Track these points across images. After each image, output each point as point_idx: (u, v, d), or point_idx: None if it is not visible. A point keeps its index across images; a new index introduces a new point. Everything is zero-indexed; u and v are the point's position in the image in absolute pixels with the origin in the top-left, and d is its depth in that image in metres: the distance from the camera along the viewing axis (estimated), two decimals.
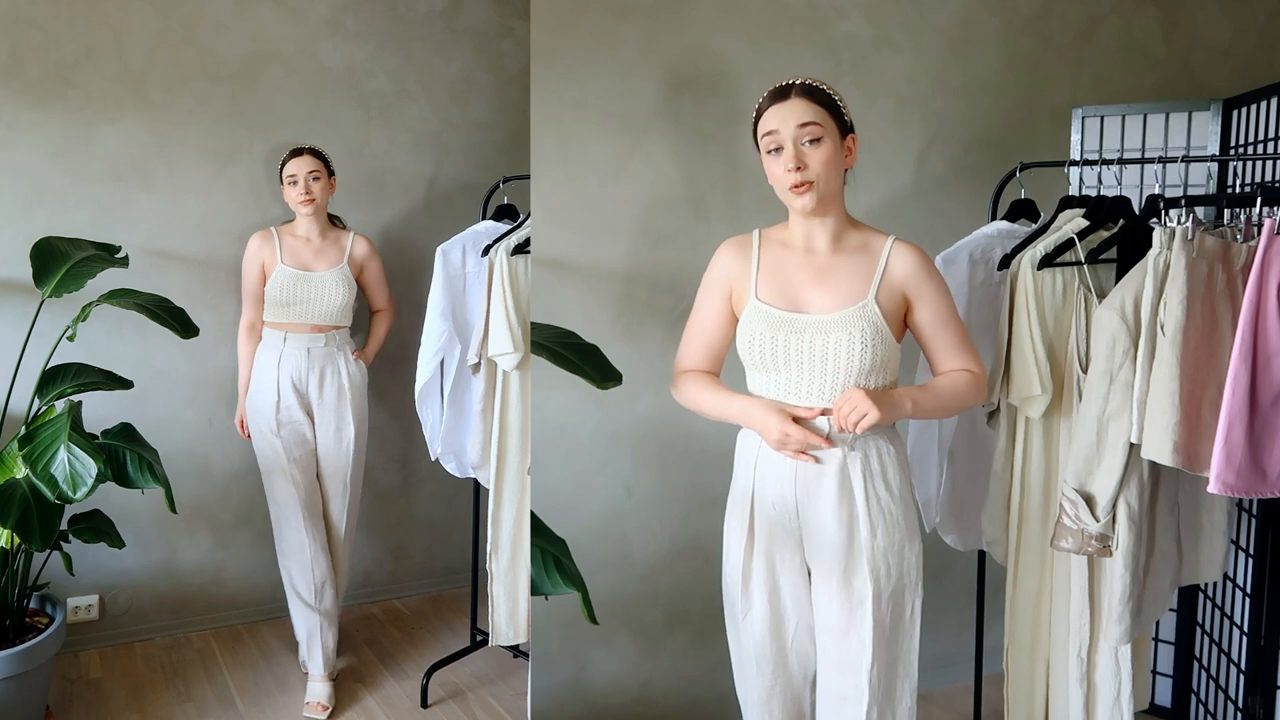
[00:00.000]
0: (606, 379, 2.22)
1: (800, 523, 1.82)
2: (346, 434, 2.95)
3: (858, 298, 1.77)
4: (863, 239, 1.82)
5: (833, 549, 1.79)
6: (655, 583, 2.63)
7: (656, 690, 2.67)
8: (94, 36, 3.03)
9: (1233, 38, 3.15)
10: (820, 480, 1.78)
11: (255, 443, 2.92)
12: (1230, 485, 1.85)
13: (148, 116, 3.11)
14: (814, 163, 1.72)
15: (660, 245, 2.53)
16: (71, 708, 2.83)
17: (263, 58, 3.27)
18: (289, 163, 2.89)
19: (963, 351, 1.84)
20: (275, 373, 2.88)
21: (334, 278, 2.92)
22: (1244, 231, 1.99)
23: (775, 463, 1.82)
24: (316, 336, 2.91)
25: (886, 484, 1.80)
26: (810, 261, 1.81)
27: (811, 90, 1.76)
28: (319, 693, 2.87)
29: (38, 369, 2.61)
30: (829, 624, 1.83)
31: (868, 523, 1.77)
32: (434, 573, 3.78)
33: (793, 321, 1.77)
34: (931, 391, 1.82)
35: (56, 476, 2.25)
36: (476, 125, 3.64)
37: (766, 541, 1.85)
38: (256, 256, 2.91)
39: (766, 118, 1.77)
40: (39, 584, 2.68)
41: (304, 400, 2.91)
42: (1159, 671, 2.81)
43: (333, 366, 2.94)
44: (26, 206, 2.98)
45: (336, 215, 3.10)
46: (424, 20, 3.52)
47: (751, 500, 1.86)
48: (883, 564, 1.78)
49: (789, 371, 1.77)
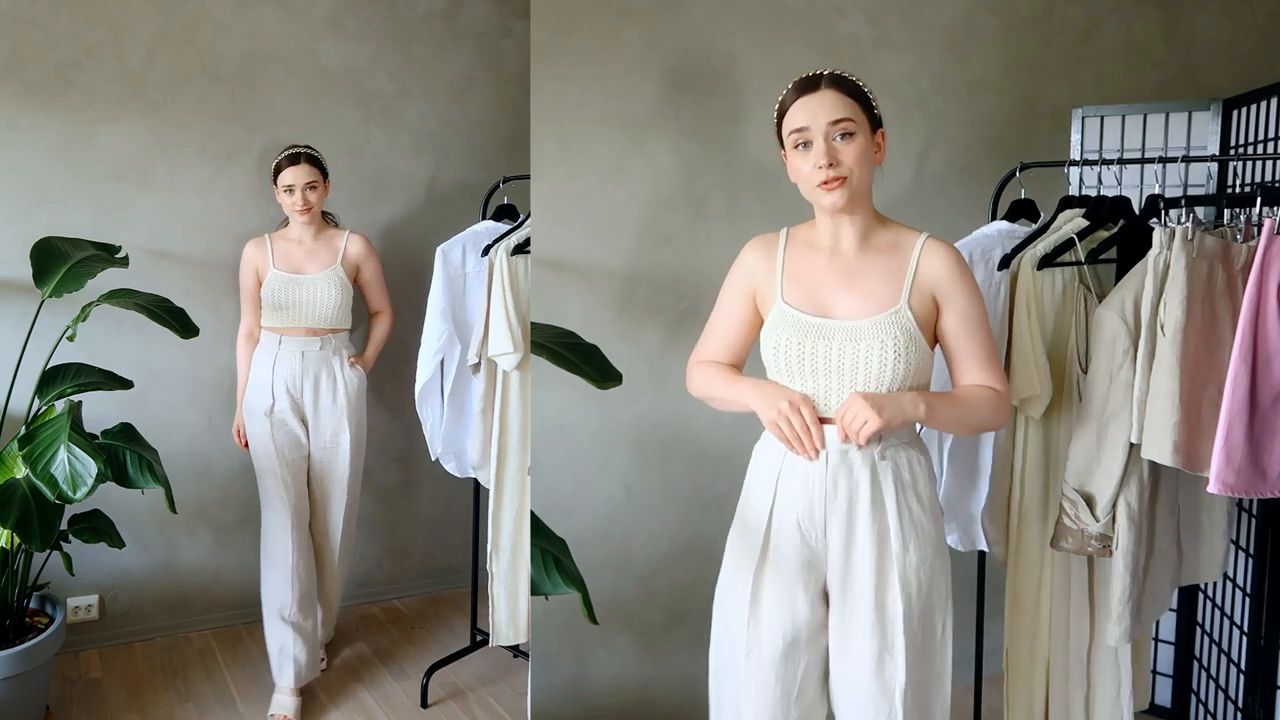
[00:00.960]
0: (606, 379, 2.22)
1: (827, 540, 1.69)
2: (343, 441, 2.90)
3: (890, 303, 1.66)
4: (893, 237, 1.71)
5: (863, 566, 1.67)
6: (655, 583, 2.63)
7: (656, 690, 2.67)
8: (94, 36, 3.03)
9: (1233, 38, 3.15)
10: (854, 491, 1.67)
11: (251, 446, 2.87)
12: (1230, 485, 1.85)
13: (148, 116, 3.11)
14: (846, 158, 1.61)
15: (660, 245, 2.53)
16: (71, 708, 2.83)
17: (263, 58, 3.27)
18: (285, 171, 2.82)
19: (988, 367, 1.70)
20: (270, 376, 2.84)
21: (326, 279, 2.87)
22: (1244, 231, 1.99)
23: (801, 473, 1.69)
24: (311, 340, 2.86)
25: (918, 496, 1.70)
26: (837, 262, 1.70)
27: (842, 81, 1.64)
28: (285, 705, 2.78)
29: (38, 369, 2.61)
30: (858, 647, 1.69)
31: (900, 537, 1.67)
32: (434, 573, 3.78)
33: (820, 327, 1.66)
34: (952, 399, 1.68)
35: (56, 476, 2.25)
36: (476, 125, 3.64)
37: (784, 565, 1.71)
38: (250, 263, 2.89)
39: (794, 112, 1.64)
40: (39, 584, 2.68)
41: (298, 405, 2.86)
42: (1159, 671, 2.81)
43: (328, 371, 2.89)
44: (26, 206, 2.98)
45: (331, 213, 3.06)
46: (424, 20, 3.52)
47: (770, 517, 1.72)
48: (914, 580, 1.67)
49: (816, 381, 1.66)
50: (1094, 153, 2.79)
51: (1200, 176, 2.73)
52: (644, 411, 2.54)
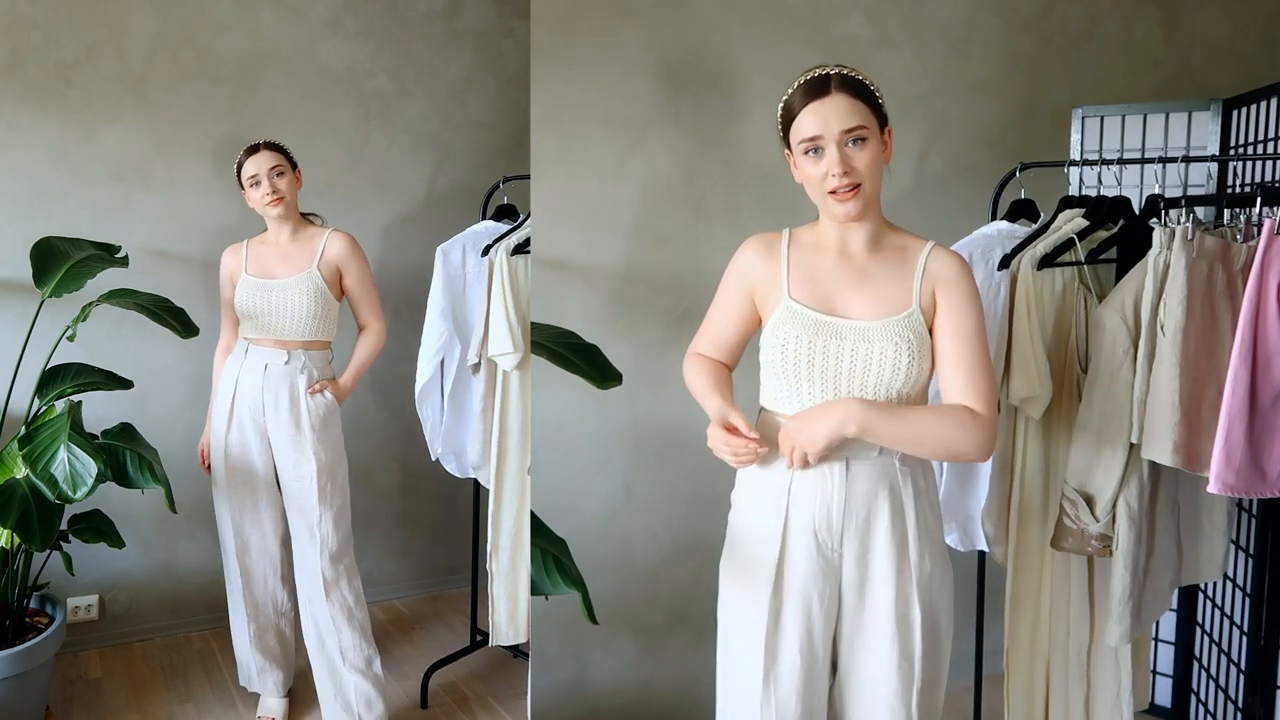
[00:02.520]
0: (606, 379, 2.22)
1: (844, 550, 1.65)
2: (305, 473, 2.54)
3: (902, 306, 1.62)
4: (901, 242, 1.67)
5: (881, 574, 1.65)
6: (655, 583, 2.63)
7: (656, 690, 2.67)
8: (94, 36, 3.03)
9: (1233, 38, 3.15)
10: (873, 498, 1.63)
11: (211, 459, 2.66)
12: (1230, 485, 1.85)
13: (148, 116, 3.11)
14: (860, 164, 1.55)
15: (660, 245, 2.53)
16: (71, 708, 2.83)
17: (263, 58, 3.27)
18: (246, 162, 2.57)
19: (972, 383, 1.59)
20: (231, 390, 2.58)
21: (297, 284, 2.54)
22: (1244, 231, 1.99)
23: (815, 484, 1.64)
24: (278, 352, 2.55)
25: (930, 503, 1.69)
26: (846, 264, 1.65)
27: (851, 83, 1.57)
28: (273, 708, 2.76)
29: (38, 369, 2.61)
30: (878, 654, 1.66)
31: (918, 544, 1.65)
32: (434, 573, 3.78)
33: (832, 326, 1.61)
34: (902, 417, 1.56)
35: (56, 476, 2.25)
36: (476, 125, 3.64)
37: (800, 581, 1.66)
38: (227, 270, 2.65)
39: (804, 119, 1.56)
40: (39, 584, 2.68)
41: (257, 422, 2.57)
42: (1159, 671, 2.81)
43: (289, 391, 2.54)
44: (26, 206, 2.98)
45: (314, 213, 2.79)
46: (424, 20, 3.52)
47: (783, 535, 1.66)
48: (930, 587, 1.66)
49: (826, 380, 1.60)
50: (1094, 153, 2.79)
51: (1200, 176, 2.73)
52: (644, 411, 2.54)
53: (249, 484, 2.61)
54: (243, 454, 2.59)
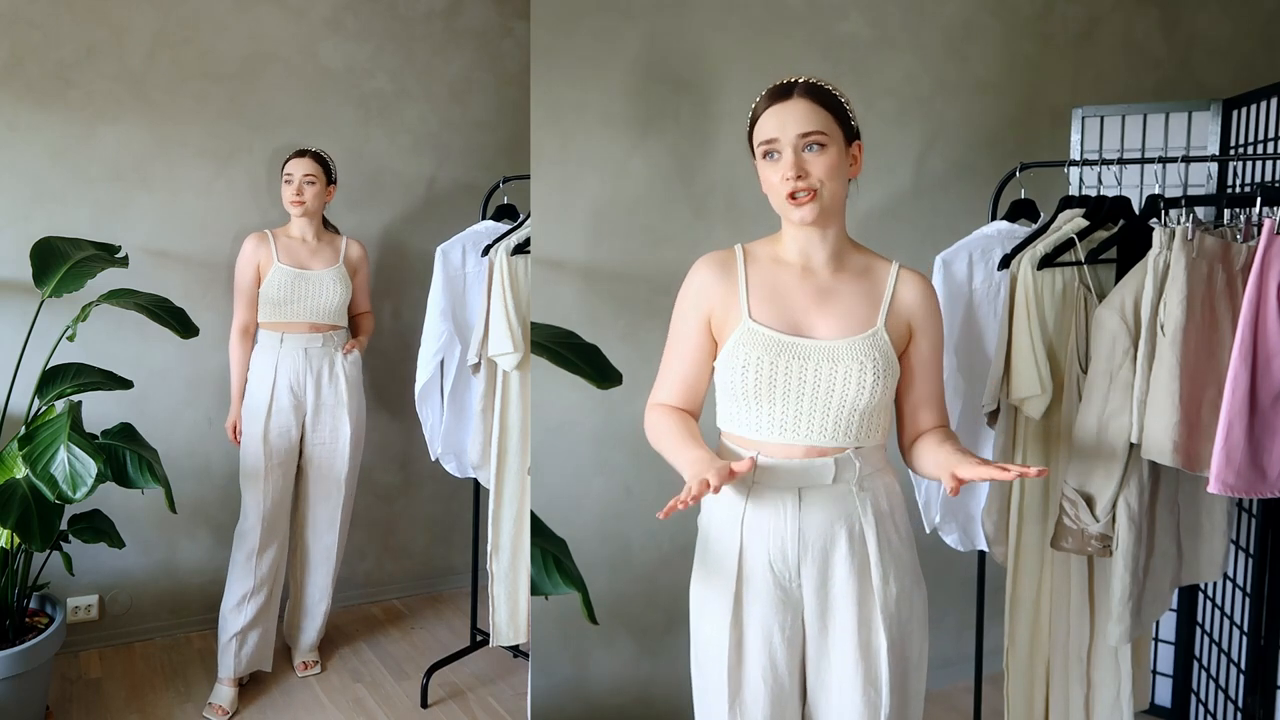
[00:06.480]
0: (606, 379, 2.22)
1: (802, 581, 1.61)
2: (343, 435, 2.96)
3: (866, 325, 1.60)
4: (865, 262, 1.66)
5: (842, 601, 1.61)
6: (655, 583, 2.63)
7: (656, 690, 2.67)
8: (94, 36, 3.03)
9: (1233, 38, 3.15)
10: (828, 528, 1.60)
11: (243, 443, 2.90)
12: (1230, 485, 1.85)
13: (148, 116, 3.11)
14: (816, 170, 1.54)
15: (660, 245, 2.53)
16: (71, 708, 2.83)
17: (263, 58, 3.27)
18: (289, 162, 2.92)
19: (940, 404, 1.70)
20: (272, 375, 2.88)
21: (331, 276, 2.94)
22: (1244, 231, 1.99)
23: (768, 515, 1.60)
24: (314, 337, 2.93)
25: (895, 525, 1.64)
26: (809, 281, 1.62)
27: (815, 91, 1.57)
28: (224, 696, 2.83)
29: (38, 369, 2.61)
30: (842, 682, 1.63)
31: (880, 570, 1.60)
32: (434, 573, 3.78)
33: (795, 346, 1.58)
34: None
35: (56, 476, 2.25)
36: (476, 125, 3.64)
37: (760, 609, 1.62)
38: (253, 258, 2.91)
39: (764, 122, 1.58)
40: (39, 584, 2.68)
41: (300, 403, 2.91)
42: (1159, 671, 2.81)
43: (330, 367, 2.95)
44: (26, 206, 2.98)
45: (331, 222, 3.11)
46: (424, 20, 3.52)
47: (739, 565, 1.62)
48: (896, 612, 1.62)
49: (784, 404, 1.57)
50: (1094, 153, 2.79)
51: (1200, 176, 2.73)
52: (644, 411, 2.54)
53: (285, 465, 2.92)
54: (280, 438, 2.90)
